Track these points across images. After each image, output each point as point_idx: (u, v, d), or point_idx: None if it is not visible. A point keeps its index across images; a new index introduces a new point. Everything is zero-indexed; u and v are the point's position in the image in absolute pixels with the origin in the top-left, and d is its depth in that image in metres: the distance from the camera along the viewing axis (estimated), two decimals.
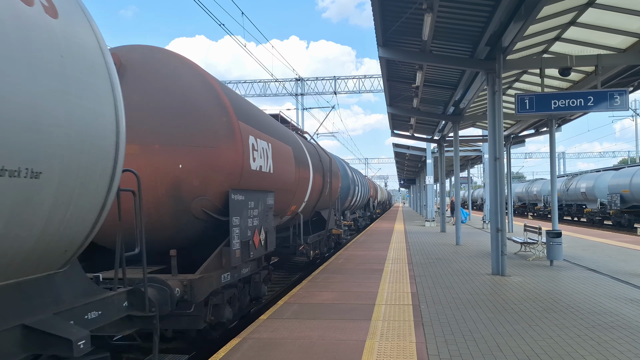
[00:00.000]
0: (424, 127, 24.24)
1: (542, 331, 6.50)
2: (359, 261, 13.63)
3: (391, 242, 19.21)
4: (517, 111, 10.80)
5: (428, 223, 30.25)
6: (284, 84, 38.67)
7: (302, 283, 10.29)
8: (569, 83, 14.73)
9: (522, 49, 12.04)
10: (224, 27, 16.20)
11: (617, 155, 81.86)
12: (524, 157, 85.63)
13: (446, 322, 7.04)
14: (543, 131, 21.59)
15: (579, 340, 6.09)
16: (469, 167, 40.12)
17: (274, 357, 5.49)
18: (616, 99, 10.55)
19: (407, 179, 66.64)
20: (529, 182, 53.21)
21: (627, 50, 11.57)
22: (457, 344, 5.98)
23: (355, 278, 10.80)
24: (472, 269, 11.98)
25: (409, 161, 42.10)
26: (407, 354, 5.58)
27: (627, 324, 6.85)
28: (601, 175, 34.00)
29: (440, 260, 13.82)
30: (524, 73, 14.44)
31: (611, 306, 7.91)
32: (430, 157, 29.92)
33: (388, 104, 18.33)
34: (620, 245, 17.43)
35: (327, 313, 7.58)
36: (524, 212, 52.58)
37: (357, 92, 38.27)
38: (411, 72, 14.20)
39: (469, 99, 15.52)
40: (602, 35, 11.32)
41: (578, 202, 37.61)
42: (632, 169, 29.89)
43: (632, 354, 5.54)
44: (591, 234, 22.57)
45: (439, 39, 11.35)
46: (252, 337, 6.30)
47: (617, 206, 30.13)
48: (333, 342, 6.05)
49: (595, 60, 11.06)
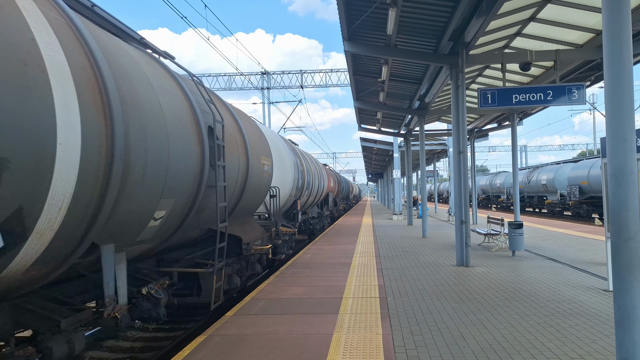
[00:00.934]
0: (390, 122, 24.46)
1: (504, 320, 6.67)
2: (327, 255, 13.67)
3: (359, 236, 19.34)
4: (480, 105, 11.00)
5: (395, 216, 30.60)
6: (250, 78, 38.36)
7: (270, 278, 10.26)
8: (530, 78, 15.10)
9: (484, 44, 12.26)
10: (187, 19, 15.93)
11: (576, 147, 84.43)
12: (488, 151, 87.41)
13: (412, 314, 7.13)
14: (505, 125, 22.09)
15: (539, 327, 6.27)
16: (435, 160, 40.76)
17: (242, 353, 5.46)
18: (574, 93, 10.86)
19: (375, 172, 67.18)
20: (493, 175, 54.41)
21: (584, 46, 11.92)
22: (422, 335, 6.08)
23: (323, 272, 10.84)
24: (438, 261, 12.18)
25: (376, 155, 42.46)
26: (373, 346, 5.63)
27: (585, 311, 7.08)
28: (561, 167, 35.03)
29: (407, 252, 13.99)
30: (487, 68, 14.72)
31: (570, 294, 8.17)
32: (397, 151, 30.23)
33: (355, 98, 18.41)
34: (579, 235, 18.01)
35: (295, 308, 7.58)
36: (488, 204, 53.76)
37: (324, 86, 38.28)
38: (377, 67, 14.29)
39: (433, 93, 15.73)
40: (560, 31, 11.63)
41: (539, 194, 38.67)
42: (590, 161, 30.89)
43: (590, 339, 5.74)
44: (551, 225, 23.24)
45: (404, 34, 11.45)
46: (218, 333, 6.25)
47: (576, 197, 31.12)
48: (301, 336, 6.05)
49: (554, 55, 11.36)
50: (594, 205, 30.08)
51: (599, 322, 6.45)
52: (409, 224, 25.14)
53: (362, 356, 5.29)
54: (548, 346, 5.53)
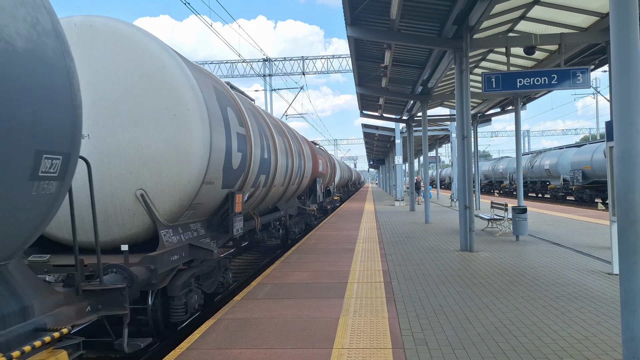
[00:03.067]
0: (392, 107, 24.39)
1: (509, 303, 6.72)
2: (331, 241, 13.74)
3: (362, 222, 19.40)
4: (484, 90, 10.96)
5: (397, 202, 30.64)
6: (252, 65, 38.22)
7: (275, 264, 10.33)
8: (534, 62, 15.01)
9: (488, 27, 12.18)
10: (189, 5, 15.83)
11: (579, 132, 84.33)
12: (490, 136, 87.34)
13: (417, 298, 7.19)
14: (509, 110, 22.00)
15: (544, 310, 6.31)
16: (437, 146, 40.67)
17: (250, 336, 5.52)
18: (579, 77, 10.82)
19: (377, 159, 67.11)
20: (495, 160, 54.35)
21: (589, 29, 11.83)
22: (428, 318, 6.13)
23: (327, 258, 10.90)
24: (441, 246, 12.23)
25: (378, 141, 42.38)
26: (379, 329, 5.69)
27: (589, 294, 7.13)
28: (564, 152, 34.95)
29: (410, 238, 14.05)
30: (490, 52, 14.63)
31: (574, 278, 8.21)
32: (399, 137, 30.17)
33: (357, 84, 18.34)
34: (583, 219, 18.04)
35: (301, 292, 7.64)
36: (490, 189, 53.75)
37: (326, 73, 38.17)
38: (380, 52, 14.22)
39: (436, 78, 15.66)
40: (565, 15, 11.53)
41: (542, 179, 38.63)
42: (593, 146, 30.81)
43: (594, 322, 5.79)
44: (555, 210, 23.27)
45: (407, 18, 11.38)
46: (227, 317, 6.31)
47: (579, 182, 31.09)
48: (307, 320, 6.12)
49: (558, 39, 11.28)
50: (597, 190, 30.06)
51: (604, 305, 6.50)
52: (411, 209, 25.19)
53: (369, 339, 5.35)
54: (553, 328, 5.58)
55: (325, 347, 5.13)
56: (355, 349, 5.06)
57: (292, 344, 5.22)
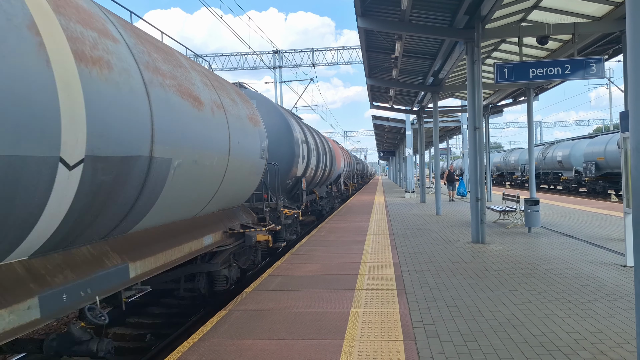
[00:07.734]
0: (403, 99, 24.24)
1: (522, 295, 6.68)
2: (341, 233, 13.73)
3: (372, 214, 19.37)
4: (496, 80, 10.84)
5: (408, 194, 30.54)
6: (262, 57, 38.16)
7: (286, 256, 10.35)
8: (547, 52, 14.82)
9: (500, 17, 12.03)
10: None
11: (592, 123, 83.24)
12: (502, 127, 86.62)
13: (428, 290, 7.17)
14: (521, 100, 21.78)
15: (557, 303, 6.27)
16: (448, 138, 40.44)
17: (262, 327, 5.55)
18: (592, 67, 10.66)
19: (387, 151, 66.81)
20: (507, 152, 53.92)
21: (603, 19, 11.65)
22: (439, 310, 6.12)
23: (337, 249, 10.90)
24: (453, 238, 12.18)
25: (388, 133, 42.20)
26: (391, 321, 5.69)
27: (603, 286, 7.07)
28: (577, 143, 34.58)
29: (421, 230, 14.00)
30: (502, 42, 14.46)
31: (587, 270, 8.14)
32: (410, 129, 30.00)
33: (367, 75, 18.24)
34: (595, 211, 17.87)
35: (312, 284, 7.65)
36: (502, 181, 53.39)
37: (336, 64, 38.01)
38: (390, 43, 14.11)
39: (448, 69, 15.52)
40: (578, 4, 11.36)
41: (554, 171, 38.29)
42: (606, 137, 30.45)
43: (608, 314, 5.74)
44: (567, 201, 23.06)
45: (418, 8, 11.27)
46: (238, 308, 6.35)
47: (592, 173, 30.78)
48: (319, 311, 6.13)
49: (572, 28, 11.11)
50: (611, 182, 29.75)
51: (617, 297, 6.44)
52: (421, 201, 25.10)
53: (381, 331, 5.35)
54: (566, 321, 5.54)
55: (336, 338, 5.14)
56: (366, 340, 5.06)
57: (304, 335, 5.24)
